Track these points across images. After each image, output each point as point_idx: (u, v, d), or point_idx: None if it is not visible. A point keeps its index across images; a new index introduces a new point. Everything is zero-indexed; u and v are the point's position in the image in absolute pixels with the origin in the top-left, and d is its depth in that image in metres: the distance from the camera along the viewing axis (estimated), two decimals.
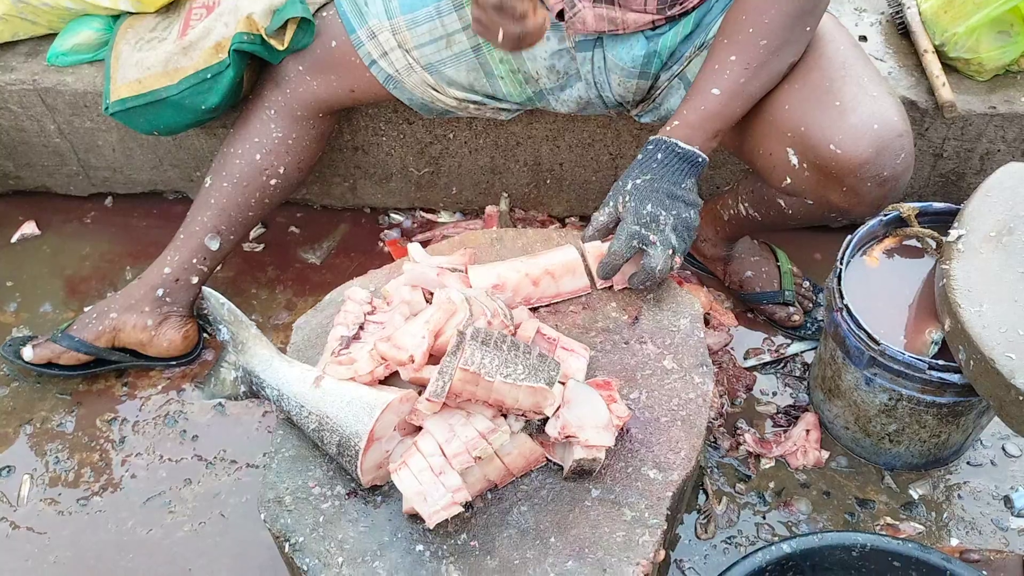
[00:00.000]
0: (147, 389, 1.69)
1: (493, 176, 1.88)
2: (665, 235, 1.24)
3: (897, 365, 1.31)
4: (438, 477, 1.03)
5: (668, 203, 1.25)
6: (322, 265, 1.90)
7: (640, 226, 1.24)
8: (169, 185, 1.99)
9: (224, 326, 1.28)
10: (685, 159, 1.28)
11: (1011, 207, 1.35)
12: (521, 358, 1.06)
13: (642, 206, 1.24)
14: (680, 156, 1.28)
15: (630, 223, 1.24)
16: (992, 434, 1.57)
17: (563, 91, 1.54)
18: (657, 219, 1.24)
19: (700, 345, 1.27)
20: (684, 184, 1.27)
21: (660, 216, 1.24)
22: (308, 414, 1.13)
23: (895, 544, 1.22)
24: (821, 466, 1.54)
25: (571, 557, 1.05)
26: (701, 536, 1.46)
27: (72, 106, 1.81)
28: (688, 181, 1.28)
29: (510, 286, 1.28)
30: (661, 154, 1.28)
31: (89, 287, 1.87)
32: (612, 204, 1.28)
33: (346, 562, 1.06)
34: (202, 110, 1.56)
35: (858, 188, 1.31)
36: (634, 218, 1.24)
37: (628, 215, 1.25)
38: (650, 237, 1.24)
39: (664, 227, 1.24)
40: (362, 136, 1.82)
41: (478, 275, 1.28)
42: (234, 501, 1.53)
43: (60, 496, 1.54)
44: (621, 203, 1.27)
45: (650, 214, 1.24)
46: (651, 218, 1.24)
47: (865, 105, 1.30)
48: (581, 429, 1.08)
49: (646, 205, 1.24)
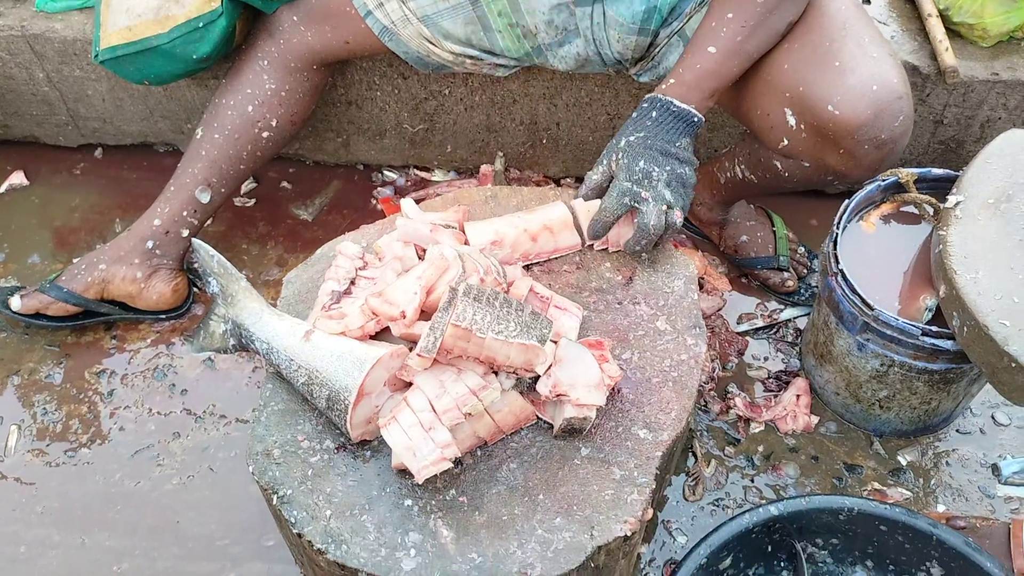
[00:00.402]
0: (136, 342, 1.68)
1: (489, 134, 1.86)
2: (658, 191, 1.22)
3: (890, 331, 1.31)
4: (427, 433, 1.02)
5: (661, 160, 1.23)
6: (314, 222, 1.88)
7: (632, 183, 1.22)
8: (160, 137, 1.96)
9: (214, 279, 1.27)
10: (680, 118, 1.26)
11: (1011, 174, 1.34)
12: (513, 315, 1.05)
13: (634, 163, 1.22)
14: (675, 115, 1.26)
15: (622, 180, 1.22)
16: (982, 402, 1.57)
17: (561, 47, 1.51)
18: (650, 175, 1.22)
19: (694, 307, 1.26)
20: (679, 143, 1.26)
21: (653, 172, 1.22)
22: (298, 368, 1.13)
23: (882, 508, 1.23)
24: (810, 431, 1.54)
25: (559, 514, 1.05)
26: (689, 498, 1.47)
27: (61, 54, 1.78)
28: (683, 140, 1.26)
29: (508, 242, 1.26)
30: (656, 112, 1.26)
31: (78, 239, 1.85)
32: (606, 162, 1.27)
33: (334, 515, 1.06)
34: (193, 60, 1.53)
35: (855, 151, 1.30)
36: (626, 175, 1.22)
37: (620, 172, 1.23)
38: (642, 194, 1.22)
39: (657, 183, 1.22)
40: (356, 91, 1.79)
41: (476, 231, 1.26)
42: (223, 455, 1.52)
43: (48, 447, 1.54)
44: (614, 161, 1.25)
45: (642, 171, 1.22)
46: (643, 175, 1.22)
47: (865, 66, 1.28)
48: (572, 388, 1.08)
49: (638, 162, 1.22)
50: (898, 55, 1.33)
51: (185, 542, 1.43)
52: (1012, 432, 1.54)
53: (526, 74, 1.72)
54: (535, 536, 1.04)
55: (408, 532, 1.04)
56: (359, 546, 1.03)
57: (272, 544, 1.41)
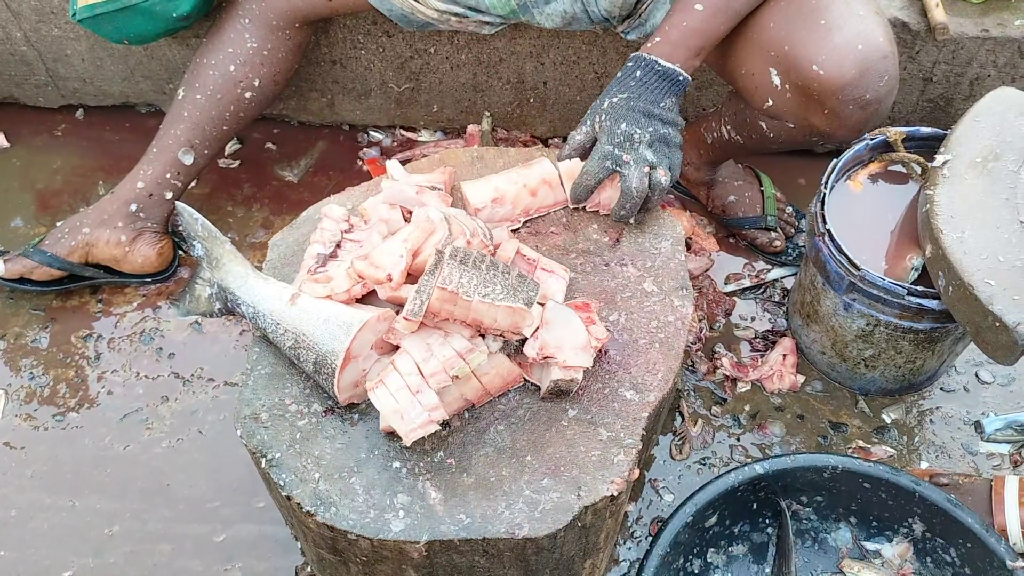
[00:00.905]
0: (122, 306, 1.67)
1: (475, 94, 1.84)
2: (640, 153, 1.20)
3: (876, 291, 1.31)
4: (415, 396, 1.02)
5: (644, 121, 1.21)
6: (299, 183, 1.87)
7: (614, 146, 1.20)
8: (141, 97, 1.93)
9: (198, 242, 1.26)
10: (665, 77, 1.24)
11: (998, 132, 1.34)
12: (500, 278, 1.05)
13: (616, 125, 1.20)
14: (660, 74, 1.24)
15: (604, 143, 1.21)
16: (966, 360, 1.58)
17: (547, 4, 1.49)
18: (631, 137, 1.20)
19: (681, 268, 1.26)
20: (663, 103, 1.23)
21: (635, 134, 1.20)
22: (284, 332, 1.12)
23: (866, 466, 1.24)
24: (796, 390, 1.55)
25: (546, 475, 1.06)
26: (676, 457, 1.48)
27: (38, 12, 1.74)
28: (668, 100, 1.24)
29: (509, 198, 1.25)
30: (640, 71, 1.24)
31: (61, 201, 1.83)
32: (589, 123, 1.25)
33: (323, 477, 1.06)
34: (173, 18, 1.50)
35: (840, 110, 1.29)
36: (608, 137, 1.21)
37: (602, 135, 1.21)
38: (624, 157, 1.20)
39: (639, 145, 1.20)
40: (340, 49, 1.76)
41: (475, 191, 1.25)
42: (211, 418, 1.53)
43: (36, 412, 1.53)
44: (597, 122, 1.23)
45: (624, 133, 1.20)
46: (625, 137, 1.20)
47: (851, 25, 1.27)
48: (559, 350, 1.08)
49: (620, 124, 1.20)
50: (887, 12, 1.32)
51: (175, 504, 1.44)
52: (995, 390, 1.55)
53: (512, 32, 1.69)
54: (523, 497, 1.05)
55: (397, 494, 1.05)
56: (348, 508, 1.04)
57: (263, 506, 1.42)
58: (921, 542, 1.27)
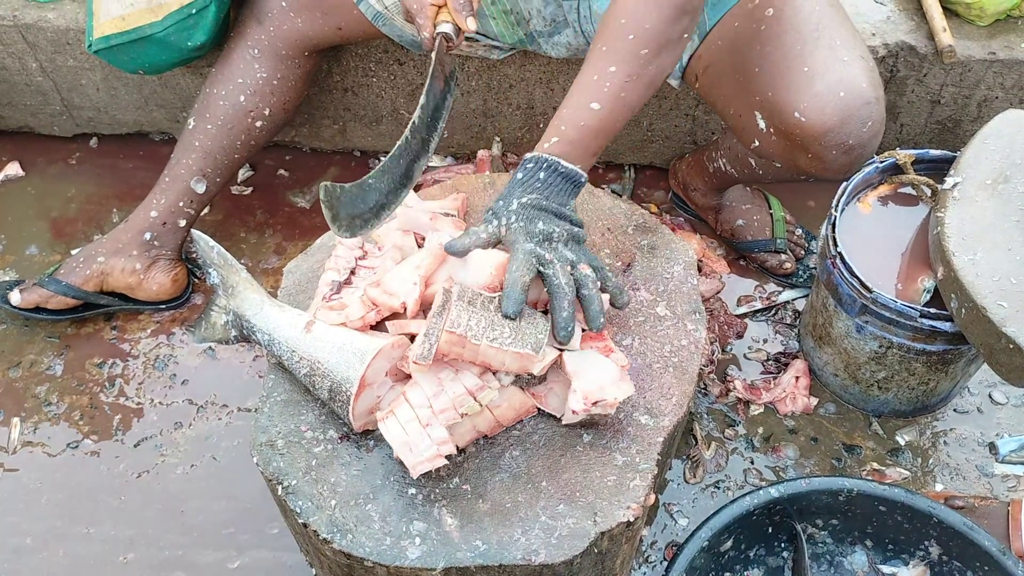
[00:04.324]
0: (136, 333, 1.68)
1: (485, 119, 1.85)
2: (559, 252, 1.13)
3: (889, 313, 1.31)
4: (425, 429, 1.03)
5: (557, 221, 1.15)
6: (312, 209, 1.88)
7: (535, 244, 1.12)
8: (155, 126, 1.95)
9: (214, 269, 1.27)
10: (568, 178, 1.17)
11: (1008, 155, 1.34)
12: (508, 320, 1.05)
13: (532, 224, 1.13)
14: (563, 175, 1.16)
15: (523, 242, 1.12)
16: (979, 382, 1.58)
17: (553, 36, 1.51)
18: (550, 236, 1.14)
19: (693, 292, 1.27)
20: (568, 205, 1.18)
21: (553, 233, 1.14)
22: (299, 359, 1.13)
23: (881, 489, 1.24)
24: (809, 412, 1.55)
25: (562, 501, 1.06)
26: (690, 480, 1.48)
27: (54, 43, 1.77)
28: (571, 202, 1.18)
29: None
30: (543, 173, 1.16)
31: (75, 230, 1.84)
32: (495, 223, 1.15)
33: (339, 504, 1.06)
34: (188, 48, 1.52)
35: (823, 155, 1.30)
36: (526, 237, 1.12)
37: (519, 236, 1.12)
38: (545, 256, 1.12)
39: (557, 244, 1.14)
40: (352, 77, 1.78)
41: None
42: (226, 444, 1.53)
43: (50, 439, 1.54)
44: (505, 224, 1.14)
45: (542, 232, 1.13)
46: (544, 236, 1.13)
47: (833, 71, 1.26)
48: (603, 390, 1.07)
49: (536, 223, 1.13)
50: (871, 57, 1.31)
51: (190, 531, 1.44)
52: (1009, 411, 1.55)
53: (522, 58, 1.71)
54: (539, 523, 1.04)
55: (412, 521, 1.05)
56: (364, 535, 1.04)
57: (276, 532, 1.42)
58: (938, 565, 1.27)
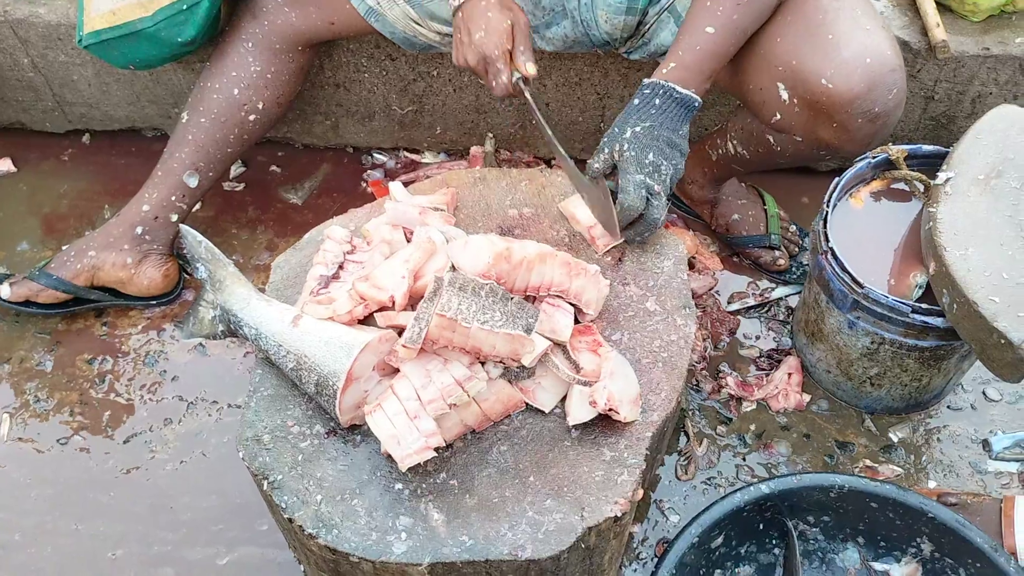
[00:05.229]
0: (127, 328, 1.67)
1: (478, 115, 1.85)
2: (667, 185, 1.22)
3: (880, 308, 1.31)
4: (413, 421, 1.02)
5: (668, 152, 1.23)
6: (303, 205, 1.87)
7: (645, 175, 1.21)
8: (147, 122, 1.94)
9: (202, 264, 1.26)
10: (682, 104, 1.24)
11: (1001, 150, 1.34)
12: (499, 305, 1.05)
13: (644, 155, 1.21)
14: (678, 101, 1.24)
15: (634, 173, 1.21)
16: (973, 378, 1.57)
17: (548, 28, 1.50)
18: (659, 168, 1.22)
19: (683, 287, 1.26)
20: (681, 131, 1.25)
21: (662, 166, 1.22)
22: (286, 353, 1.12)
23: (872, 485, 1.23)
24: (802, 409, 1.54)
25: (550, 496, 1.06)
26: (681, 477, 1.47)
27: (45, 39, 1.76)
28: (684, 127, 1.26)
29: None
30: (659, 99, 1.24)
31: (67, 225, 1.84)
32: (607, 151, 1.25)
33: (325, 500, 1.06)
34: (179, 43, 1.51)
35: (848, 124, 1.29)
36: (637, 167, 1.21)
37: (631, 165, 1.21)
38: (655, 188, 1.21)
39: (666, 177, 1.22)
40: (344, 72, 1.77)
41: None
42: (215, 440, 1.52)
43: (40, 435, 1.53)
44: (618, 151, 1.23)
45: (652, 163, 1.21)
46: (654, 167, 1.21)
47: (858, 39, 1.28)
48: (621, 404, 1.08)
49: (647, 154, 1.21)
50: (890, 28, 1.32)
51: (179, 527, 1.43)
52: (1003, 408, 1.54)
53: None
54: (526, 518, 1.04)
55: (399, 516, 1.04)
56: (350, 530, 1.03)
57: (266, 528, 1.42)
58: (930, 562, 1.26)
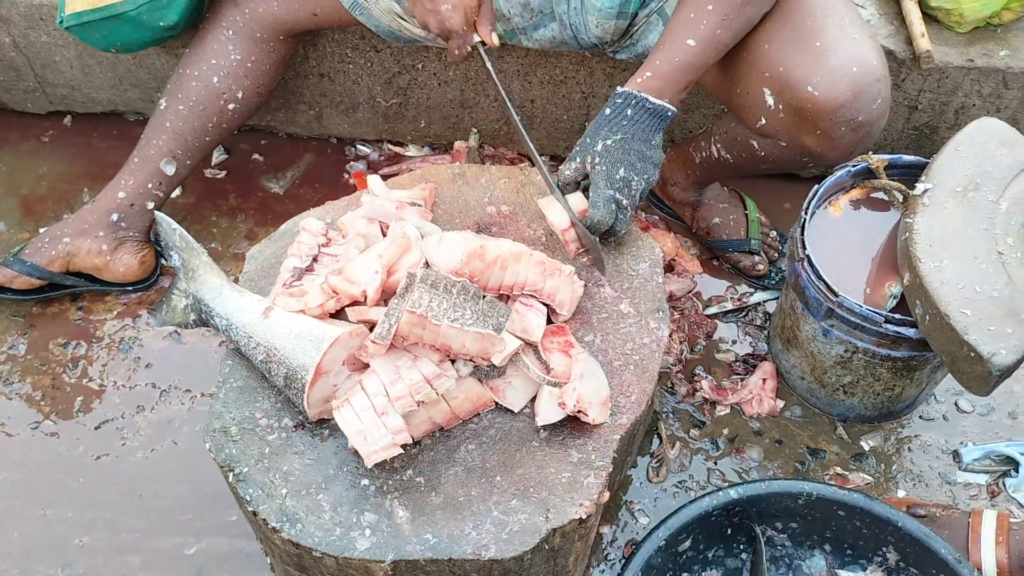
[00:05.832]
0: (102, 314, 1.66)
1: (463, 110, 1.84)
2: (635, 200, 1.24)
3: (854, 317, 1.31)
4: (380, 418, 1.02)
5: (639, 166, 1.23)
6: (285, 195, 1.86)
7: (614, 190, 1.22)
8: (130, 106, 1.93)
9: (175, 252, 1.25)
10: (655, 114, 1.24)
11: (979, 163, 1.34)
12: (470, 303, 1.04)
13: (614, 170, 1.22)
14: (650, 111, 1.24)
15: (603, 187, 1.21)
16: (946, 389, 1.58)
17: (536, 31, 1.49)
18: (630, 184, 1.22)
19: (658, 290, 1.26)
20: (653, 141, 1.25)
21: (632, 181, 1.22)
22: (256, 345, 1.12)
23: (840, 493, 1.24)
24: (776, 415, 1.55)
25: (516, 496, 1.06)
26: (652, 479, 1.47)
27: (27, 18, 1.74)
28: (657, 137, 1.26)
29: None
30: (631, 110, 1.24)
31: (45, 207, 1.82)
32: (579, 160, 1.25)
33: (290, 494, 1.05)
34: (161, 27, 1.50)
35: (832, 132, 1.29)
36: (607, 182, 1.22)
37: (601, 179, 1.22)
38: (623, 202, 1.22)
39: (636, 192, 1.23)
40: (328, 63, 1.76)
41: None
42: (187, 430, 1.51)
43: (10, 419, 1.52)
44: (589, 163, 1.24)
45: (623, 179, 1.22)
46: (624, 183, 1.22)
47: (845, 47, 1.28)
48: (591, 406, 1.08)
49: (618, 169, 1.22)
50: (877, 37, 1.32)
51: (148, 516, 1.43)
52: (974, 419, 1.55)
53: (501, 50, 1.69)
54: (491, 517, 1.04)
55: (364, 512, 1.04)
56: (314, 525, 1.03)
57: (235, 519, 1.41)
58: (895, 571, 1.27)
